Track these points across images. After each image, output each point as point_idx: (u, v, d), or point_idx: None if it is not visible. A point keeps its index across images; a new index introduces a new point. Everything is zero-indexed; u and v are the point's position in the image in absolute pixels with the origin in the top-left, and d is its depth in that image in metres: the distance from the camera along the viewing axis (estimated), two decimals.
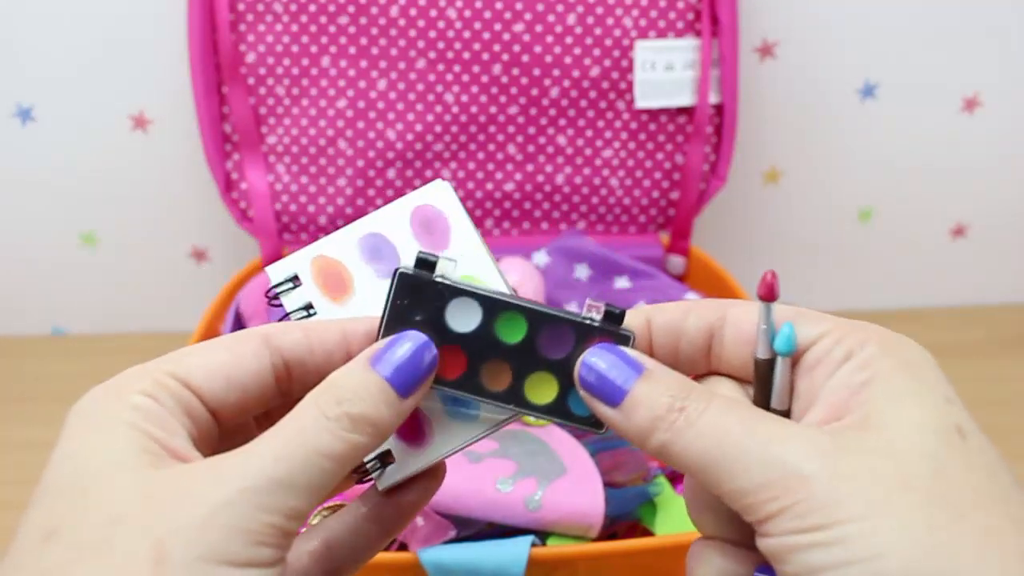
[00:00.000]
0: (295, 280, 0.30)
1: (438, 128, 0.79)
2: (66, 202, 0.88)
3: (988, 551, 0.22)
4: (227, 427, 0.28)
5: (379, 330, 0.29)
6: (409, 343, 0.27)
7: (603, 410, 0.27)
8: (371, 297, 0.30)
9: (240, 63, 0.76)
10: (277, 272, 0.31)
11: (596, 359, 0.27)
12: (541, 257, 0.78)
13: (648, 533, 0.56)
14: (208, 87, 0.76)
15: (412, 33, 0.76)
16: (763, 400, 0.27)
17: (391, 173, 0.80)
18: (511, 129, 0.80)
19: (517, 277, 0.72)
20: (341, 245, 0.31)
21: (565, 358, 0.29)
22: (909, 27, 0.83)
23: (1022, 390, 0.87)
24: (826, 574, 0.23)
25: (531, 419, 0.63)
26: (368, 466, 0.30)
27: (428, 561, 0.51)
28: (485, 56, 0.77)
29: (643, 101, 0.78)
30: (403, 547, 0.53)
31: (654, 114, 0.79)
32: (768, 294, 0.27)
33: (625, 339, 0.28)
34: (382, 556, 0.52)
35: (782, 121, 0.87)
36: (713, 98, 0.78)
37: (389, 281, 0.29)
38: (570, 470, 0.56)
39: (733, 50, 0.76)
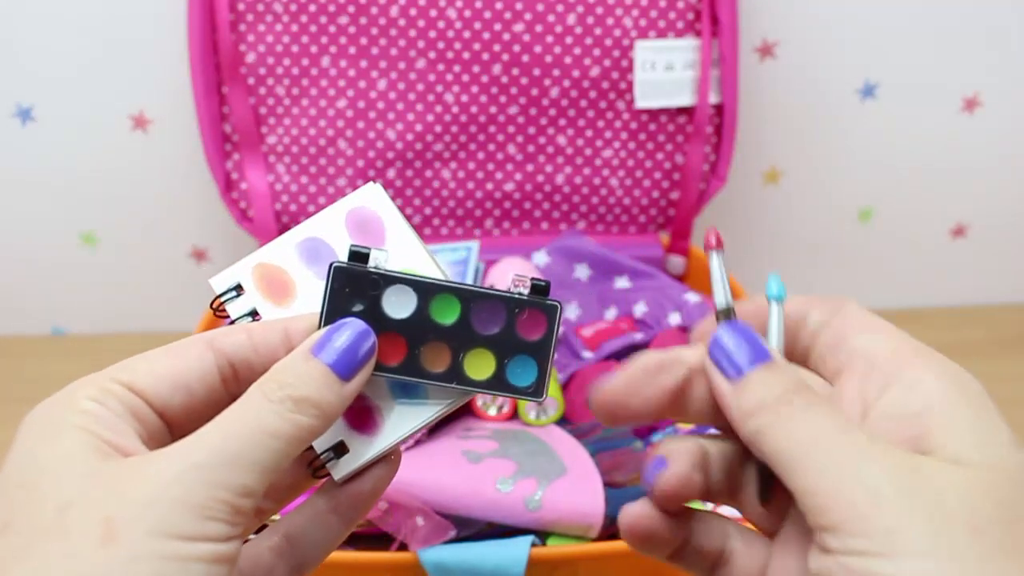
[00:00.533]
0: (238, 289, 0.31)
1: (438, 128, 0.79)
2: (66, 202, 0.88)
3: None
4: (179, 432, 0.28)
5: (320, 323, 0.30)
6: (348, 329, 0.28)
7: (719, 381, 0.27)
8: (314, 299, 0.31)
9: (240, 63, 0.76)
10: (220, 282, 0.31)
11: (734, 334, 0.28)
12: (541, 257, 0.78)
13: None
14: (208, 87, 0.76)
15: (412, 33, 0.76)
16: None
17: (391, 173, 0.80)
18: (511, 129, 0.80)
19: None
20: (280, 251, 0.32)
21: (499, 333, 0.30)
22: (909, 27, 0.83)
23: (1022, 390, 0.87)
24: None
25: (531, 419, 0.63)
26: (323, 457, 0.30)
27: (428, 561, 0.51)
28: (485, 56, 0.77)
29: (643, 101, 0.78)
30: (403, 547, 0.53)
31: (654, 114, 0.79)
32: (718, 244, 0.30)
33: (552, 309, 0.30)
34: (382, 556, 0.52)
35: (782, 121, 0.87)
36: (713, 98, 0.78)
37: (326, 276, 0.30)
38: (570, 470, 0.56)
39: (733, 50, 0.76)
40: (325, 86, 0.78)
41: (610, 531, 0.55)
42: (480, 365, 0.31)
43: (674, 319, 0.71)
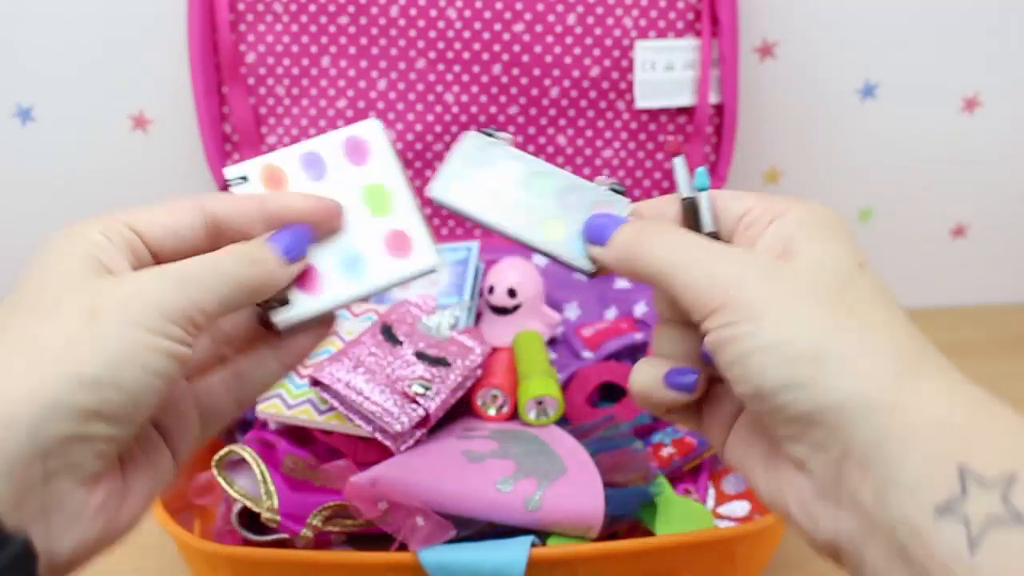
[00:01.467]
0: (244, 179, 0.39)
1: (438, 128, 0.79)
2: (66, 202, 0.88)
3: (873, 335, 0.30)
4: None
5: (438, 178, 0.39)
6: (298, 230, 0.37)
7: (595, 250, 0.37)
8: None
9: (240, 63, 0.76)
10: (232, 171, 0.39)
11: (596, 217, 0.38)
12: (541, 257, 0.78)
13: (648, 533, 0.56)
14: (208, 87, 0.76)
15: (412, 33, 0.76)
16: (695, 228, 0.36)
17: None
18: (511, 129, 0.80)
19: (517, 277, 0.72)
20: (284, 157, 0.39)
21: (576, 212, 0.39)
22: (909, 27, 0.83)
23: (1022, 390, 0.87)
24: (751, 356, 0.30)
25: (531, 419, 0.63)
26: (269, 303, 0.37)
27: (428, 561, 0.51)
28: (485, 56, 0.77)
29: (643, 101, 0.78)
30: (403, 547, 0.53)
31: (654, 114, 0.79)
32: (679, 150, 0.38)
33: (623, 192, 0.39)
34: (382, 556, 0.52)
35: (782, 121, 0.87)
36: (713, 98, 0.78)
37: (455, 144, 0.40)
38: (570, 470, 0.56)
39: (733, 50, 0.76)
40: (325, 86, 0.78)
41: (610, 531, 0.55)
42: (554, 229, 0.39)
43: None
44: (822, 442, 0.29)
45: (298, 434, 0.63)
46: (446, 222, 0.83)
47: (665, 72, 0.77)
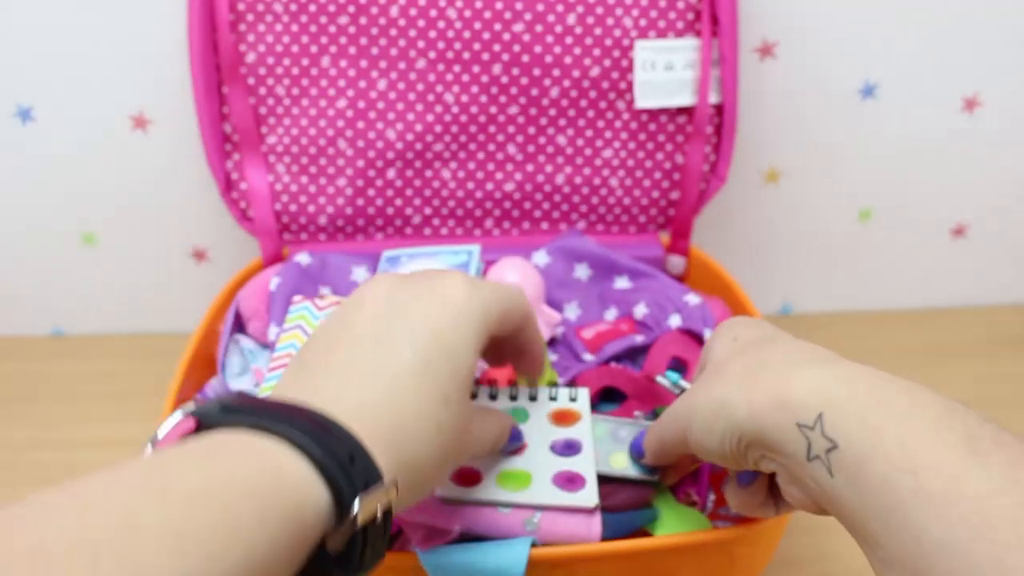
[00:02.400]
0: None
1: (438, 128, 0.79)
2: (66, 202, 0.88)
3: (741, 383, 0.42)
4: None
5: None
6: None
7: (643, 460, 0.55)
8: None
9: (240, 63, 0.76)
10: None
11: (634, 442, 0.56)
12: (541, 257, 0.78)
13: (647, 534, 0.56)
14: (208, 87, 0.76)
15: (412, 33, 0.76)
16: None
17: (391, 173, 0.80)
18: (511, 129, 0.80)
19: (517, 277, 0.72)
20: None
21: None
22: (909, 27, 0.83)
23: (1022, 390, 0.87)
24: (700, 407, 0.45)
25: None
26: None
27: (428, 562, 0.51)
28: (485, 56, 0.77)
29: (643, 101, 0.78)
30: (403, 547, 0.53)
31: (654, 114, 0.79)
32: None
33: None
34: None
35: (782, 121, 0.87)
36: (713, 98, 0.78)
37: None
38: None
39: (733, 50, 0.76)
40: (325, 86, 0.78)
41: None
42: (619, 459, 0.56)
43: (674, 321, 0.71)
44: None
45: None
46: (446, 222, 0.83)
47: (665, 72, 0.77)
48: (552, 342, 0.73)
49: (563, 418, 0.59)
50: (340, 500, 0.33)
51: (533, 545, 0.52)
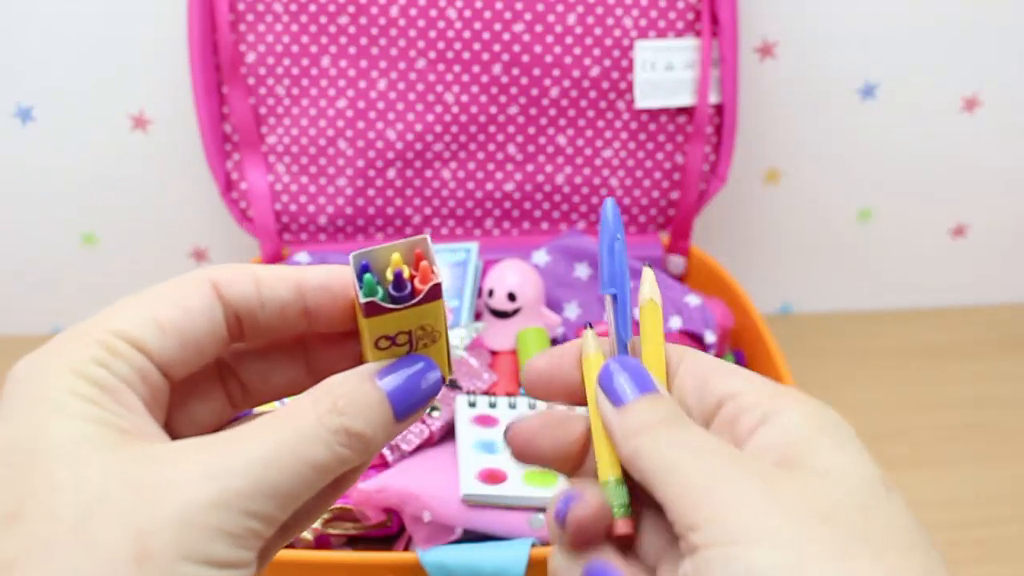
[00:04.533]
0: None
1: (438, 128, 0.79)
2: (66, 202, 0.88)
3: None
4: (176, 383, 0.27)
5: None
6: (420, 364, 0.27)
7: (606, 407, 0.28)
8: None
9: (240, 63, 0.76)
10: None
11: (619, 367, 0.29)
12: (541, 257, 0.78)
13: None
14: (208, 87, 0.76)
15: (412, 33, 0.76)
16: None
17: (391, 173, 0.80)
18: (511, 129, 0.80)
19: (517, 280, 0.72)
20: None
21: None
22: (909, 27, 0.83)
23: (1022, 390, 0.87)
24: None
25: None
26: None
27: (429, 562, 0.51)
28: (485, 56, 0.77)
29: (643, 101, 0.78)
30: (405, 547, 0.53)
31: (654, 114, 0.79)
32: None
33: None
34: (382, 556, 0.52)
35: (782, 121, 0.87)
36: (713, 98, 0.78)
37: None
38: None
39: (733, 50, 0.76)
40: (325, 86, 0.78)
41: None
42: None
43: (675, 323, 0.71)
44: None
45: None
46: (446, 222, 0.83)
47: (665, 72, 0.77)
48: (552, 343, 0.73)
49: None
50: None
51: (534, 545, 0.52)
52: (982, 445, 0.79)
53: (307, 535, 0.55)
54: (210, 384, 0.29)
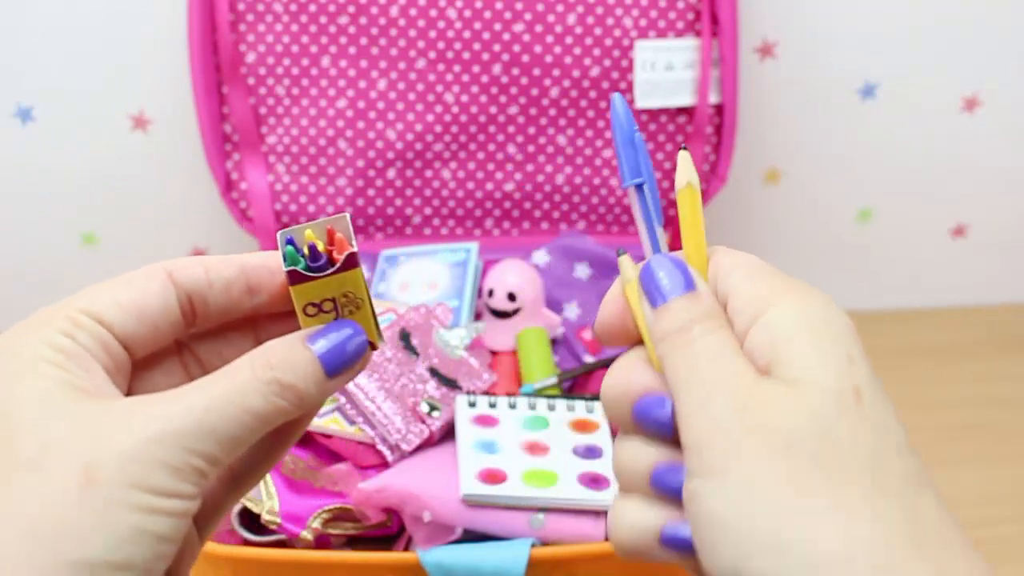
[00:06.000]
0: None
1: (438, 128, 0.79)
2: (66, 202, 0.88)
3: (850, 525, 0.23)
4: (138, 359, 0.30)
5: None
6: (347, 329, 0.29)
7: (645, 307, 0.29)
8: None
9: (240, 63, 0.76)
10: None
11: (658, 263, 0.29)
12: (541, 256, 0.78)
13: None
14: (208, 87, 0.76)
15: (412, 33, 0.76)
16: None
17: (391, 173, 0.80)
18: (511, 129, 0.80)
19: (517, 280, 0.72)
20: None
21: None
22: (909, 27, 0.83)
23: (1022, 390, 0.87)
24: (713, 526, 0.24)
25: None
26: None
27: (428, 562, 0.51)
28: (485, 56, 0.77)
29: (643, 101, 0.78)
30: (405, 547, 0.53)
31: (654, 114, 0.79)
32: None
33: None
34: (382, 556, 0.52)
35: (782, 121, 0.87)
36: (713, 98, 0.78)
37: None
38: None
39: (733, 50, 0.76)
40: (325, 86, 0.78)
41: None
42: None
43: None
44: None
45: None
46: (446, 221, 0.83)
47: (665, 72, 0.77)
48: (552, 343, 0.73)
49: (583, 427, 0.60)
50: None
51: (534, 545, 0.52)
52: (982, 445, 0.79)
53: (307, 535, 0.55)
54: (170, 362, 0.31)
